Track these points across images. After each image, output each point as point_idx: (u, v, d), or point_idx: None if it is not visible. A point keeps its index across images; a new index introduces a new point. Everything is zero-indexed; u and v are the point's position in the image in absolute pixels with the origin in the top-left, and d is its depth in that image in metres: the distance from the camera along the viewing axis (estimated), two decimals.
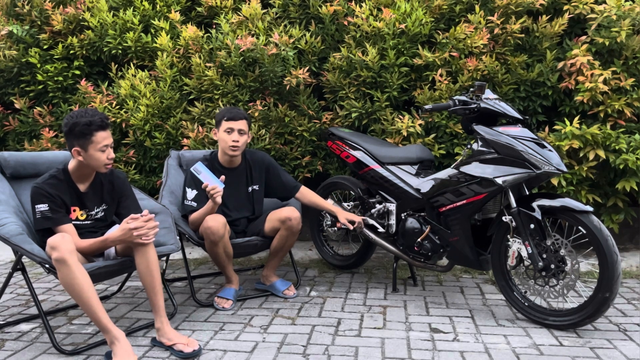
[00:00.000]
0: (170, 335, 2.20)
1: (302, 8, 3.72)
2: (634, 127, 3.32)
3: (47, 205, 2.22)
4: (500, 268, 2.52)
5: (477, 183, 2.47)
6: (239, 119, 2.76)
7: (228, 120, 2.75)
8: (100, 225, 2.44)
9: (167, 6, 3.93)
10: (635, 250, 3.66)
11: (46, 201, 2.22)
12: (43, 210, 2.22)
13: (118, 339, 2.06)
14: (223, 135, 2.77)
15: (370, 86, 3.50)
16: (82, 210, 2.37)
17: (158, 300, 2.23)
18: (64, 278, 2.03)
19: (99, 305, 2.06)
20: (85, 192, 2.36)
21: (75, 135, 2.22)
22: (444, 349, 2.19)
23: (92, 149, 2.24)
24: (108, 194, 2.45)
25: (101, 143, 2.24)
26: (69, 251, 2.02)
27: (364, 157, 2.99)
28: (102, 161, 2.27)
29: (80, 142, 2.23)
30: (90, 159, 2.26)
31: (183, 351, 2.13)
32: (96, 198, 2.41)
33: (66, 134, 2.25)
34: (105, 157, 2.27)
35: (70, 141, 2.25)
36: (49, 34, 3.99)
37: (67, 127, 2.23)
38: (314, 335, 2.34)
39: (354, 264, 3.30)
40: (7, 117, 4.08)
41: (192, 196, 2.75)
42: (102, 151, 2.25)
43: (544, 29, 3.36)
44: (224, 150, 2.80)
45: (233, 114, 2.76)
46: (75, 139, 2.22)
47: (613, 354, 2.12)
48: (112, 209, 2.48)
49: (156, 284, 2.23)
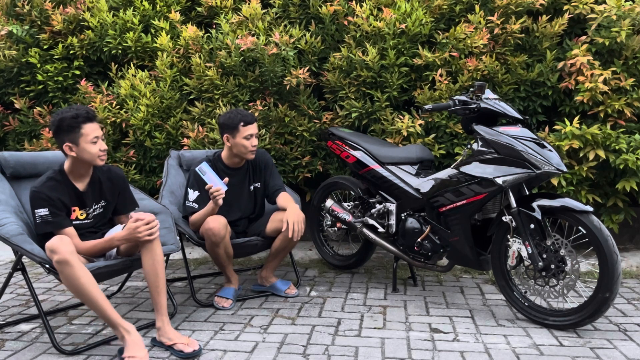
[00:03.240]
0: (171, 335, 2.20)
1: (302, 8, 3.72)
2: (634, 127, 3.32)
3: (47, 210, 2.20)
4: (500, 268, 2.52)
5: (477, 183, 2.47)
6: (254, 122, 2.75)
7: (246, 125, 2.71)
8: (101, 224, 2.44)
9: (167, 6, 3.93)
10: (635, 250, 3.66)
11: (46, 205, 2.21)
12: (43, 215, 2.21)
13: (129, 332, 2.08)
14: (242, 141, 2.72)
15: (370, 86, 3.50)
16: (81, 210, 2.36)
17: (161, 299, 2.23)
18: (68, 279, 2.03)
19: (105, 302, 2.08)
20: (85, 191, 2.36)
21: (64, 130, 2.21)
22: (444, 349, 2.19)
23: (83, 142, 2.23)
24: (108, 191, 2.44)
25: (91, 135, 2.23)
26: (70, 252, 2.02)
27: (364, 157, 2.99)
28: (95, 153, 2.25)
29: (70, 136, 2.22)
30: (83, 153, 2.24)
31: (183, 351, 2.13)
32: (95, 196, 2.40)
33: (55, 133, 2.24)
34: (97, 149, 2.26)
35: (60, 138, 2.24)
36: (49, 34, 3.99)
37: (54, 125, 2.23)
38: (314, 335, 2.34)
39: (354, 264, 3.30)
40: (7, 117, 4.08)
41: (193, 197, 2.74)
42: (94, 143, 2.24)
43: (544, 29, 3.36)
44: (242, 154, 2.77)
45: (249, 118, 2.73)
46: (65, 135, 2.22)
47: (613, 354, 2.13)
48: (111, 206, 2.47)
49: (160, 283, 2.23)
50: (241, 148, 2.75)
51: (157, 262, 2.22)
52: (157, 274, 2.22)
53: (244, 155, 2.78)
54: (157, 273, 2.22)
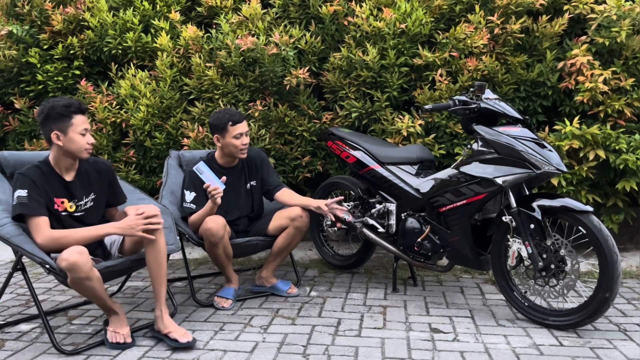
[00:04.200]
0: (168, 324, 2.26)
1: (302, 8, 3.72)
2: (634, 127, 3.32)
3: (26, 192, 2.16)
4: (500, 268, 2.52)
5: (477, 183, 2.47)
6: (243, 121, 2.76)
7: (235, 125, 2.72)
8: (93, 219, 2.37)
9: (167, 6, 3.93)
10: (635, 250, 3.66)
11: (26, 187, 2.17)
12: (21, 195, 2.16)
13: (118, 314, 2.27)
14: (232, 140, 2.74)
15: (370, 86, 3.49)
16: (70, 202, 2.31)
17: (162, 290, 2.31)
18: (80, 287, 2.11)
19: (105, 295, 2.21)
20: (72, 182, 2.32)
21: (54, 118, 2.19)
22: (444, 349, 2.19)
23: (71, 132, 2.21)
24: (96, 183, 2.40)
25: (81, 126, 2.22)
26: (90, 268, 2.07)
27: (364, 157, 2.99)
28: (82, 145, 2.24)
29: (59, 125, 2.20)
30: (71, 143, 2.22)
31: (178, 340, 2.20)
32: (84, 188, 2.36)
33: (43, 120, 2.21)
34: (85, 142, 2.24)
35: (48, 126, 2.21)
36: (49, 34, 3.99)
37: (43, 113, 2.20)
38: (314, 335, 2.34)
39: (354, 264, 3.30)
40: (7, 117, 4.08)
41: (190, 198, 2.74)
42: (82, 135, 2.23)
43: (544, 29, 3.36)
44: (233, 154, 2.79)
45: (237, 117, 2.74)
46: (54, 123, 2.19)
47: (613, 354, 2.13)
48: (101, 198, 2.43)
49: (162, 275, 2.30)
50: (232, 148, 2.76)
51: (160, 255, 2.27)
52: (160, 266, 2.28)
53: (235, 155, 2.79)
54: (160, 264, 2.28)
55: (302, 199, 2.83)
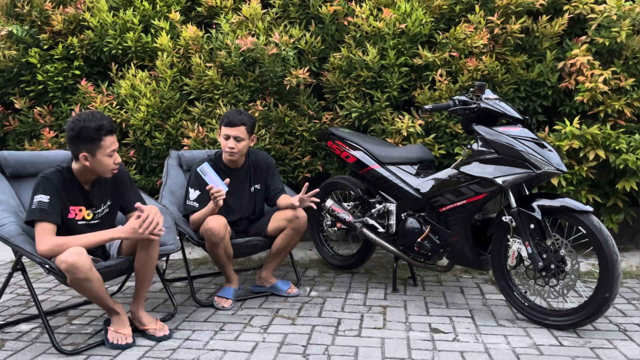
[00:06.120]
0: (144, 320, 2.34)
1: (302, 8, 3.72)
2: (634, 127, 3.32)
3: (48, 198, 2.14)
4: (500, 268, 2.52)
5: (477, 183, 2.47)
6: (235, 126, 2.74)
7: (225, 126, 2.75)
8: (107, 225, 2.38)
9: (167, 6, 3.93)
10: (635, 250, 3.66)
11: (49, 194, 2.15)
12: (42, 201, 2.13)
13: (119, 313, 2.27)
14: (221, 139, 2.79)
15: (370, 86, 3.50)
16: (88, 210, 2.31)
17: (142, 292, 2.37)
18: (80, 287, 2.11)
19: (106, 294, 2.23)
20: (91, 190, 2.32)
21: (83, 140, 2.15)
22: (444, 349, 2.19)
23: (100, 154, 2.18)
24: (112, 190, 2.41)
25: (109, 148, 2.19)
26: (90, 269, 2.07)
27: (364, 157, 2.99)
28: (109, 166, 2.22)
29: (89, 147, 2.16)
30: (98, 165, 2.20)
31: (155, 335, 2.29)
32: (101, 195, 2.36)
33: (72, 138, 2.17)
34: (112, 162, 2.22)
35: (76, 145, 2.17)
36: (49, 34, 3.99)
37: (73, 131, 2.15)
38: (314, 335, 2.34)
39: (354, 264, 3.30)
40: (7, 117, 4.08)
41: (194, 197, 2.75)
42: (110, 156, 2.21)
43: (544, 29, 3.36)
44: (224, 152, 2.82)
45: (231, 119, 2.74)
46: (83, 144, 2.16)
47: (613, 354, 2.12)
48: (116, 204, 2.45)
49: (146, 281, 2.35)
50: (222, 145, 2.80)
51: (148, 264, 2.31)
52: (146, 271, 2.32)
53: (224, 154, 2.81)
54: (146, 270, 2.32)
55: (288, 200, 2.83)
